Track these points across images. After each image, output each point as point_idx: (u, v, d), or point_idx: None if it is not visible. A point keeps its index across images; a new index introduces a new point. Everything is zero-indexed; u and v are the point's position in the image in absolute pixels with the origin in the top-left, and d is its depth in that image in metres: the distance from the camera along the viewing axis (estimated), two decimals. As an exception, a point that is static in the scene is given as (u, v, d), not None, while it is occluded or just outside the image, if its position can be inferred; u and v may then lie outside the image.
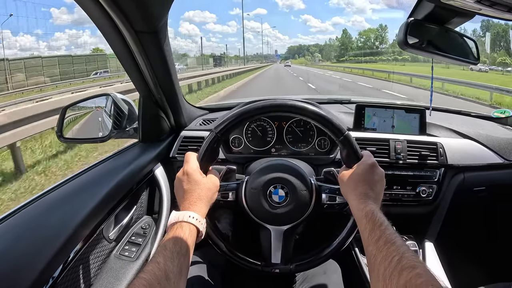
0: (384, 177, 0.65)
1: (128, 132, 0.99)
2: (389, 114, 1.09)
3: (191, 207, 0.61)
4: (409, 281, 0.41)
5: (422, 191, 1.03)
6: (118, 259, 0.79)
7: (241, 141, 1.07)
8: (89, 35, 43.31)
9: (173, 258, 0.51)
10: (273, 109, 0.70)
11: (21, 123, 3.64)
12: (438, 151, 1.03)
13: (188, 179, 0.65)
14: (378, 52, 63.11)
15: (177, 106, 1.03)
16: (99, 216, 0.68)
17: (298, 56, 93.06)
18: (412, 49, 0.76)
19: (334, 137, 0.70)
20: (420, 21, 0.75)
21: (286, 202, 0.70)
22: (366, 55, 62.13)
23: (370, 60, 55.29)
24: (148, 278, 0.46)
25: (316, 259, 0.73)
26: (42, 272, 0.49)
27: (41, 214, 0.61)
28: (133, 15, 0.67)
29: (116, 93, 0.98)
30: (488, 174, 1.09)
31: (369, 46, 68.98)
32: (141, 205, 0.93)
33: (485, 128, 1.18)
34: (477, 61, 0.82)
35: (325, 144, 1.06)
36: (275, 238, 0.72)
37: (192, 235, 0.58)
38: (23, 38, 41.21)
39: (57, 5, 51.34)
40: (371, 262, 0.50)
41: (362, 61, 56.14)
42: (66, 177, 0.78)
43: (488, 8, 0.59)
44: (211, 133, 0.70)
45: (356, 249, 1.05)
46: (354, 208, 0.61)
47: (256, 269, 0.72)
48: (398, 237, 0.50)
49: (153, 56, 0.80)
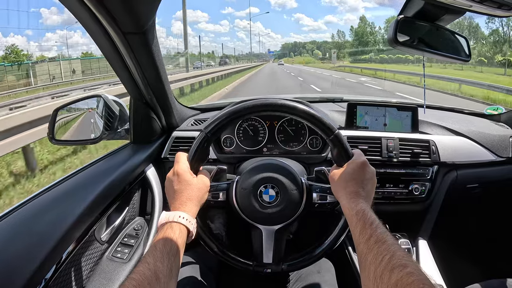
0: (375, 175, 0.65)
1: (120, 133, 0.99)
2: (381, 112, 1.09)
3: (181, 207, 0.61)
4: (400, 280, 0.40)
5: (415, 189, 1.03)
6: (110, 260, 0.79)
7: (232, 141, 1.06)
8: (80, 36, 43.03)
9: (163, 258, 0.51)
10: (263, 109, 0.70)
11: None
12: (430, 149, 1.03)
13: (179, 179, 0.65)
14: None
15: (168, 107, 1.02)
16: (91, 217, 0.68)
17: (294, 54, 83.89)
18: (403, 47, 0.76)
19: (325, 136, 0.70)
20: (411, 18, 0.75)
21: (276, 201, 0.70)
22: (395, 52, 36.93)
23: (399, 59, 36.57)
24: (138, 278, 0.46)
25: (308, 259, 0.73)
26: (34, 273, 0.49)
27: (33, 216, 0.61)
28: (120, 17, 0.66)
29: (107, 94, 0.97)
30: (481, 171, 1.09)
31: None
32: (133, 206, 0.93)
33: (478, 125, 1.18)
34: (469, 58, 0.81)
35: (317, 143, 1.06)
36: (267, 238, 0.72)
37: (182, 235, 0.58)
38: (13, 39, 40.97)
39: (47, 5, 50.74)
40: (362, 261, 0.49)
41: (389, 60, 40.24)
42: (58, 179, 0.78)
43: (479, 5, 0.58)
44: (201, 133, 0.70)
45: (349, 247, 1.05)
46: (345, 207, 0.60)
47: (248, 269, 0.72)
48: (389, 236, 0.50)
49: (142, 57, 0.79)
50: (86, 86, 13.49)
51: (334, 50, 63.93)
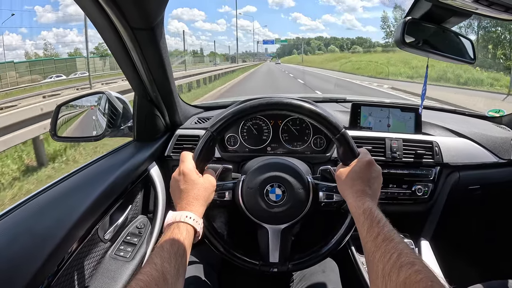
0: (381, 174, 0.66)
1: (123, 131, 0.98)
2: (385, 114, 1.09)
3: (188, 207, 0.61)
4: (409, 278, 0.40)
5: (418, 189, 1.04)
6: (113, 259, 0.79)
7: (236, 139, 1.06)
8: (76, 34, 42.61)
9: (170, 259, 0.50)
10: (269, 107, 0.70)
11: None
12: (433, 150, 1.04)
13: (185, 179, 0.64)
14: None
15: (173, 105, 1.02)
16: (94, 216, 0.67)
17: (297, 52, 73.48)
18: (409, 48, 0.76)
19: (331, 135, 0.70)
20: (418, 20, 0.75)
21: (283, 201, 0.70)
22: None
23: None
24: (145, 279, 0.45)
25: (314, 258, 0.73)
26: (36, 273, 0.49)
27: (35, 215, 0.60)
28: (129, 12, 0.65)
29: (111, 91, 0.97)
30: (483, 173, 1.10)
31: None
32: (136, 204, 0.92)
33: (480, 127, 1.19)
34: (473, 60, 0.82)
35: (321, 143, 1.06)
36: (273, 237, 0.71)
37: (189, 235, 0.57)
38: (8, 36, 40.47)
39: (41, 3, 49.85)
40: (369, 259, 0.49)
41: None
42: (59, 177, 0.77)
43: (485, 8, 0.59)
44: (207, 132, 0.69)
45: (353, 247, 1.05)
46: (351, 205, 0.60)
47: (254, 268, 0.72)
48: (397, 234, 0.50)
49: (149, 54, 0.79)
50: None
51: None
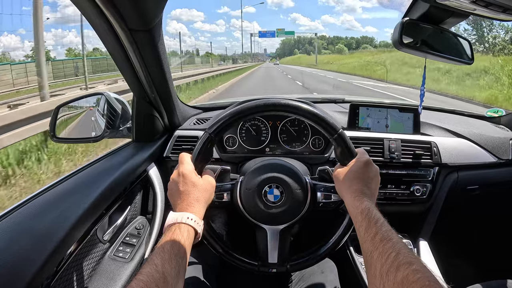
0: (379, 174, 0.66)
1: (122, 132, 0.98)
2: (383, 114, 1.09)
3: (189, 208, 0.60)
4: (406, 277, 0.40)
5: (416, 190, 1.04)
6: (112, 260, 0.79)
7: (235, 140, 1.06)
8: (75, 35, 42.56)
9: (171, 260, 0.50)
10: (267, 109, 0.70)
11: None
12: (432, 150, 1.04)
13: (184, 180, 0.64)
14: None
15: (171, 105, 1.02)
16: (93, 217, 0.67)
17: (299, 53, 72.12)
18: (407, 49, 0.76)
19: (328, 135, 0.70)
20: (415, 21, 0.75)
21: (281, 201, 0.70)
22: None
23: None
24: (146, 280, 0.45)
25: (312, 258, 0.73)
26: (35, 274, 0.49)
27: (34, 216, 0.60)
28: (127, 13, 0.66)
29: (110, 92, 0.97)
30: (481, 173, 1.10)
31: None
32: (135, 205, 0.92)
33: (479, 127, 1.19)
34: (471, 61, 0.82)
35: (319, 144, 1.06)
36: (271, 238, 0.71)
37: (190, 237, 0.57)
38: (7, 38, 40.44)
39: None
40: (367, 259, 0.49)
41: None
42: (58, 178, 0.77)
43: (483, 9, 0.59)
44: (205, 133, 0.69)
45: (351, 248, 1.05)
46: (349, 205, 0.60)
47: (253, 269, 0.72)
48: (394, 234, 0.50)
49: (147, 55, 0.79)
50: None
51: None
